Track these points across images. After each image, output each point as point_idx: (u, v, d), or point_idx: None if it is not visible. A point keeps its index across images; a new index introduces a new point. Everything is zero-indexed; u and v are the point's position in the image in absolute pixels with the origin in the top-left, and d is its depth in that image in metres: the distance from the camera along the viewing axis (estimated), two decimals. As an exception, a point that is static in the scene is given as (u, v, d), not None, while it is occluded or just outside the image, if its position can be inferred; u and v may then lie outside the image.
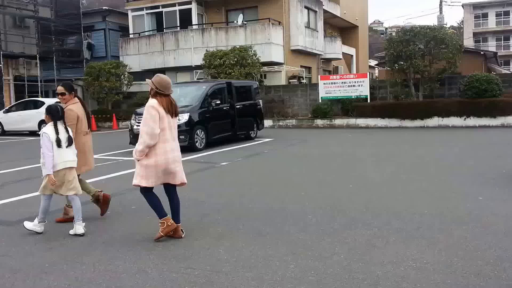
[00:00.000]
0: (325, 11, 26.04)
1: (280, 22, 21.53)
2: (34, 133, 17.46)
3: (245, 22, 21.44)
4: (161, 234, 4.12)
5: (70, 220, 4.70)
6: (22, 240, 4.33)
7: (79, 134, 4.84)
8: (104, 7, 27.68)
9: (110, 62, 22.02)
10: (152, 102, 4.05)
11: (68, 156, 4.46)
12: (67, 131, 4.52)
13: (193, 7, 22.52)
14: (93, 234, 4.44)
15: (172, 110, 4.14)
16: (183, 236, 4.22)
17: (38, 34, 22.83)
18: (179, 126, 10.33)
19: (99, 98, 22.32)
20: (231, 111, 12.30)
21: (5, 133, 17.73)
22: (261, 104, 14.38)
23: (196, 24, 22.44)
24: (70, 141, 4.49)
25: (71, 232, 4.43)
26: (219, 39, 21.22)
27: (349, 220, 4.63)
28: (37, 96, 21.37)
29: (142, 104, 21.00)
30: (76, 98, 5.02)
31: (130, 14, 24.51)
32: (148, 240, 4.21)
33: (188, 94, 12.04)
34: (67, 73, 25.13)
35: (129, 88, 22.41)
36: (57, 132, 4.39)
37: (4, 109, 18.35)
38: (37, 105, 17.58)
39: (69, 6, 25.04)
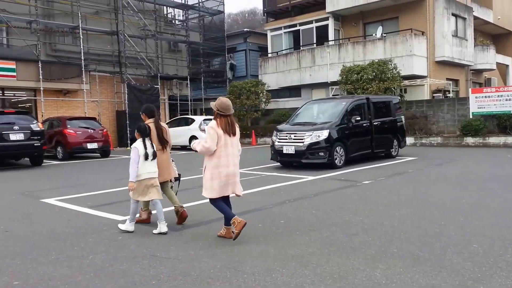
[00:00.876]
0: (475, 18, 23.76)
1: (423, 32, 20.30)
2: (185, 148, 19.24)
3: (385, 35, 20.72)
4: (236, 230, 4.64)
5: (144, 221, 5.66)
6: (187, 245, 4.74)
7: None
8: (245, 29, 29.44)
9: (250, 81, 23.04)
10: (212, 123, 4.70)
11: (151, 168, 5.25)
12: (152, 146, 5.31)
13: (330, 22, 22.63)
14: (250, 245, 4.64)
15: (230, 130, 4.73)
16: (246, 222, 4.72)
17: (189, 57, 25.31)
18: (318, 142, 10.56)
19: (240, 115, 23.60)
20: (370, 128, 11.90)
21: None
22: (403, 121, 13.63)
23: (332, 40, 22.47)
24: (154, 155, 5.28)
25: (155, 231, 5.16)
26: (356, 54, 20.89)
27: (526, 254, 4.03)
28: (188, 114, 23.65)
29: (279, 121, 21.76)
30: (152, 119, 5.67)
31: (269, 34, 25.65)
32: (301, 255, 4.23)
33: (327, 111, 12.01)
34: (212, 92, 27.28)
35: (267, 105, 23.29)
36: (145, 147, 5.22)
37: (160, 125, 20.56)
38: (188, 122, 19.31)
39: (215, 30, 27.40)
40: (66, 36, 20.51)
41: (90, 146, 15.30)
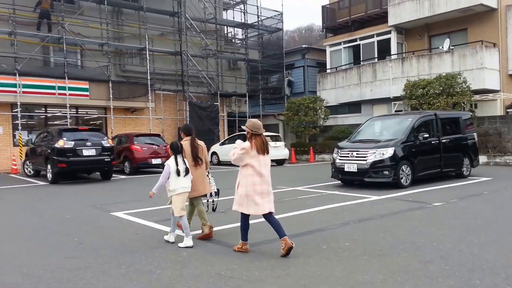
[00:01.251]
0: (552, 28, 22.03)
1: (495, 44, 19.15)
2: (243, 163, 19.38)
3: (452, 47, 19.78)
4: (284, 252, 4.84)
5: (207, 237, 5.78)
6: (251, 265, 4.66)
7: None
8: (303, 46, 29.51)
9: (309, 97, 22.90)
10: (245, 144, 4.98)
11: (185, 183, 5.56)
12: (184, 163, 5.60)
13: (392, 36, 22.04)
14: (315, 267, 4.48)
15: (264, 148, 4.98)
16: (293, 245, 4.84)
17: (248, 74, 25.66)
18: (383, 161, 10.16)
19: (298, 132, 23.48)
20: (438, 146, 11.27)
21: (220, 163, 20.18)
22: (475, 138, 12.80)
23: (395, 54, 21.83)
24: (186, 171, 5.57)
25: (181, 245, 5.42)
26: (421, 68, 20.10)
27: None
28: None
29: (338, 138, 21.45)
30: (188, 138, 5.95)
31: (328, 49, 25.42)
32: (371, 282, 4.01)
33: (391, 127, 11.56)
34: (270, 108, 27.49)
35: (326, 121, 22.98)
36: (176, 164, 5.51)
37: (220, 142, 20.97)
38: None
39: (273, 47, 27.67)
40: (134, 57, 21.64)
41: (154, 161, 15.85)
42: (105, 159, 13.49)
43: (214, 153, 20.53)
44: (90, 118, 20.79)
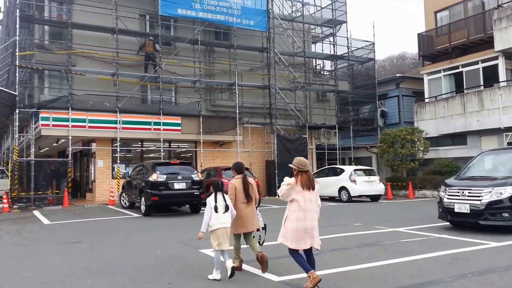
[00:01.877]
0: None
1: None
2: (333, 199, 18.43)
3: None
4: (310, 285, 4.84)
5: (236, 269, 5.77)
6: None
7: (237, 202, 5.96)
8: (397, 75, 28.10)
9: (405, 128, 21.59)
10: (291, 180, 5.16)
11: (223, 219, 5.67)
12: (224, 200, 5.71)
13: (500, 62, 19.92)
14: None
15: (309, 184, 5.08)
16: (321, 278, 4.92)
17: (337, 105, 24.93)
18: (501, 201, 8.69)
19: (393, 165, 21.95)
20: None
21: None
22: None
23: (504, 81, 19.65)
24: (226, 208, 5.68)
25: (210, 277, 5.60)
26: (536, 95, 17.77)
27: None
28: (335, 163, 22.97)
29: (441, 172, 19.68)
30: (240, 175, 6.15)
31: (426, 78, 23.81)
32: None
33: (508, 163, 9.99)
34: (362, 140, 26.25)
35: (425, 154, 21.25)
36: (215, 201, 5.69)
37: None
38: (337, 172, 18.55)
39: (364, 77, 26.70)
40: (224, 92, 22.20)
41: (243, 195, 15.59)
42: (195, 193, 13.56)
43: (301, 187, 19.83)
44: (181, 151, 21.53)
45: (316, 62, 27.55)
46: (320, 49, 26.00)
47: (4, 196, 15.82)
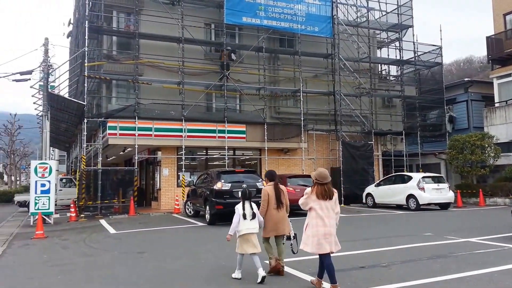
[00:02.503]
0: None
1: None
2: (400, 207, 17.61)
3: None
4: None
5: (274, 268, 6.39)
6: None
7: (270, 207, 6.46)
8: (466, 79, 26.99)
9: (475, 134, 20.66)
10: (307, 190, 5.68)
11: (250, 225, 6.18)
12: (251, 208, 6.26)
13: None
14: None
15: (326, 194, 5.52)
16: None
17: (404, 111, 23.99)
18: None
19: (463, 172, 20.93)
20: None
21: (375, 205, 18.65)
22: None
23: None
24: (253, 216, 6.23)
25: (233, 275, 6.26)
26: None
27: None
28: (402, 170, 22.06)
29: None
30: (272, 182, 6.63)
31: (496, 82, 22.81)
32: None
33: None
34: (429, 146, 25.18)
35: (496, 160, 20.03)
36: (243, 209, 6.24)
37: (375, 183, 19.53)
38: (404, 179, 17.77)
39: (432, 82, 25.57)
40: (288, 99, 21.98)
41: (308, 204, 15.19)
42: (259, 201, 13.27)
43: (369, 194, 19.12)
44: (245, 159, 21.48)
45: (381, 68, 26.78)
46: (386, 54, 25.48)
47: (72, 205, 16.30)
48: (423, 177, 17.10)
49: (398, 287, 5.49)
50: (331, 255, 5.54)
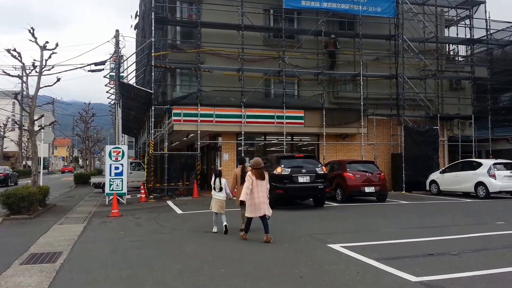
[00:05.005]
0: None
1: None
2: (468, 195, 16.90)
3: None
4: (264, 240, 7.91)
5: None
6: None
7: (238, 184, 9.07)
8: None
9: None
10: (249, 173, 8.26)
11: (219, 195, 9.06)
12: (220, 183, 9.05)
13: None
14: None
15: (260, 176, 8.14)
16: (271, 240, 7.81)
17: (473, 94, 22.69)
18: None
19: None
20: None
21: (440, 192, 18.01)
22: None
23: None
24: (221, 189, 9.06)
25: (213, 230, 9.16)
26: None
27: None
28: (470, 157, 20.98)
29: None
30: (241, 165, 9.30)
31: None
32: None
33: None
34: (501, 131, 23.56)
35: None
36: (214, 183, 9.16)
37: (440, 170, 18.81)
38: (473, 166, 17.02)
39: (505, 62, 23.83)
40: (348, 83, 21.63)
41: (367, 189, 15.12)
42: (319, 186, 13.41)
43: (433, 181, 18.49)
44: (303, 145, 21.54)
45: (449, 48, 25.32)
46: (454, 33, 24.00)
47: (142, 187, 17.52)
48: (495, 164, 16.34)
49: (471, 276, 5.34)
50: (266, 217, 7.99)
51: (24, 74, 15.58)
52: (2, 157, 44.82)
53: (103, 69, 21.37)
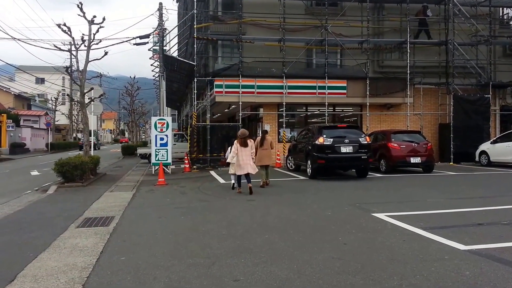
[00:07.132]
0: None
1: None
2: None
3: None
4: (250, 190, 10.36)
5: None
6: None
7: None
8: None
9: None
10: (235, 142, 10.68)
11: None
12: (230, 151, 11.38)
13: None
14: None
15: (243, 144, 10.50)
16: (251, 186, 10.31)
17: (528, 60, 21.27)
18: None
19: None
20: None
21: (491, 164, 17.29)
22: None
23: None
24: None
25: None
26: None
27: None
28: (526, 127, 19.89)
29: None
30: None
31: None
32: None
33: None
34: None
35: None
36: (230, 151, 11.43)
37: (491, 140, 17.99)
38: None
39: None
40: (393, 52, 20.84)
41: (413, 160, 14.76)
42: (362, 157, 13.21)
43: (483, 152, 17.76)
44: (345, 115, 21.17)
45: (503, 11, 23.66)
46: (511, -5, 22.16)
47: (185, 157, 18.01)
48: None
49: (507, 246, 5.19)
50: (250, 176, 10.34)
51: (73, 49, 16.05)
52: (54, 129, 47.17)
53: (147, 42, 21.70)
